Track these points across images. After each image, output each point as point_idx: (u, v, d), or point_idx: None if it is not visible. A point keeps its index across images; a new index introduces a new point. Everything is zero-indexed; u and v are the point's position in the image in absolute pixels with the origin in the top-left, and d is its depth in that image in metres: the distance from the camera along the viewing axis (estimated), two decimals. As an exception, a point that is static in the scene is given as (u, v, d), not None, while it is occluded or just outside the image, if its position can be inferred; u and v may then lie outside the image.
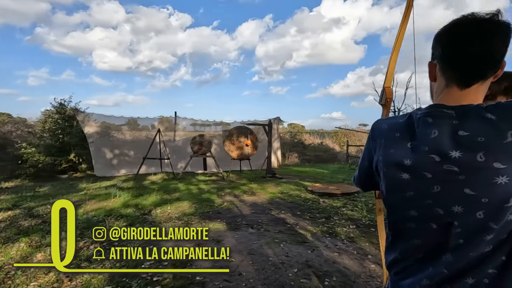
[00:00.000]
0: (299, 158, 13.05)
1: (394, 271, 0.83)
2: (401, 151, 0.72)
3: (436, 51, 0.72)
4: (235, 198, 5.85)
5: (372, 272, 2.71)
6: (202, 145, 8.65)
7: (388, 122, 0.80)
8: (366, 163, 0.88)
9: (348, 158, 12.94)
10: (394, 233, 0.82)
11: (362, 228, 3.89)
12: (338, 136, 19.55)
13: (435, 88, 0.75)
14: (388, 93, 1.37)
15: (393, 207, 0.78)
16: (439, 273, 0.70)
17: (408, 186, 0.72)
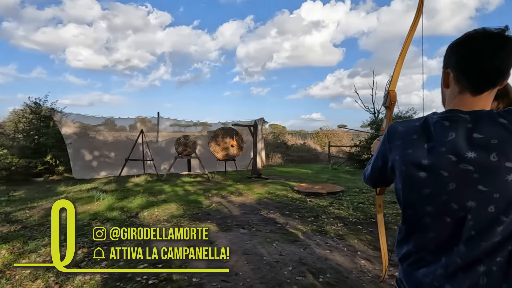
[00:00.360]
0: (282, 158, 13.21)
1: (407, 262, 0.89)
2: (418, 152, 0.78)
3: (450, 61, 0.79)
4: (223, 199, 5.85)
5: (363, 268, 2.82)
6: (187, 146, 8.55)
7: (404, 125, 0.86)
8: (380, 162, 0.94)
9: (330, 158, 13.27)
10: (409, 227, 0.88)
11: (349, 226, 4.03)
12: (319, 136, 20.00)
13: (447, 94, 0.83)
14: (393, 96, 1.46)
15: (410, 203, 0.85)
16: (453, 263, 0.77)
17: (424, 183, 0.78)
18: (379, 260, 3.00)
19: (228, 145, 8.75)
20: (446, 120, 0.75)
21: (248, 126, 9.11)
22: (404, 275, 0.92)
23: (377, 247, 3.33)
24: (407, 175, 0.82)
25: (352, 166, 10.67)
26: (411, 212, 0.86)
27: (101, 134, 9.79)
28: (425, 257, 0.84)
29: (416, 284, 0.85)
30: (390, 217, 4.43)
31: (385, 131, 0.94)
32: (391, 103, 1.51)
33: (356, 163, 10.59)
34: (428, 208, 0.80)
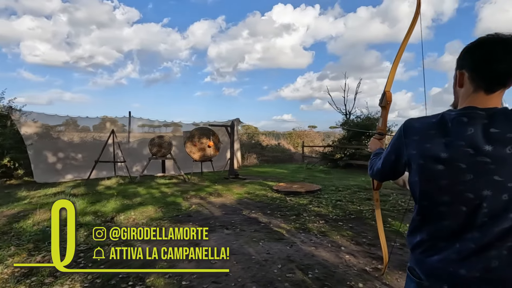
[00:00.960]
0: (257, 159, 13.28)
1: (420, 250, 0.94)
2: (436, 146, 0.84)
3: (465, 62, 0.86)
4: (202, 200, 5.75)
5: (348, 262, 2.93)
6: (162, 147, 8.29)
7: (420, 122, 0.91)
8: (393, 157, 0.99)
9: (303, 158, 13.58)
10: (423, 217, 0.93)
11: (331, 223, 4.16)
12: (292, 137, 20.38)
13: (461, 92, 0.90)
14: (388, 97, 1.54)
15: (426, 194, 0.90)
16: (467, 248, 0.83)
17: (442, 175, 0.84)
18: (362, 254, 3.13)
19: (204, 146, 8.62)
20: (464, 117, 0.81)
21: (225, 126, 9.04)
22: (416, 262, 0.97)
23: (358, 242, 3.48)
24: (425, 168, 0.87)
25: (326, 166, 11.02)
26: (427, 203, 0.91)
27: (66, 134, 9.16)
28: (438, 244, 0.90)
29: (431, 269, 0.91)
30: (367, 212, 4.65)
31: (401, 126, 0.99)
32: (387, 103, 1.59)
33: (329, 163, 10.95)
34: (444, 198, 0.85)
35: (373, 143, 1.52)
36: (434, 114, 0.91)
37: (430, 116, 0.91)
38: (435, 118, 0.88)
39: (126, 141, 9.66)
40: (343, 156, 10.33)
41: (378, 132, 1.60)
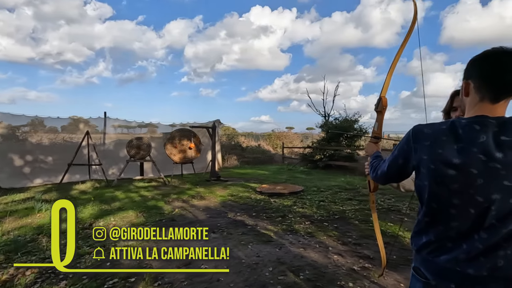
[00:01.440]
0: (238, 160, 13.23)
1: (427, 251, 0.97)
2: (448, 152, 0.87)
3: (472, 73, 0.90)
4: (185, 204, 5.62)
5: (337, 262, 2.99)
6: (140, 149, 8.01)
7: (431, 128, 0.94)
8: (401, 161, 1.02)
9: (283, 159, 13.72)
10: (431, 219, 0.96)
11: (316, 224, 4.23)
12: (272, 138, 20.53)
13: (467, 101, 0.94)
14: (384, 102, 1.58)
15: (436, 197, 0.92)
16: (475, 248, 0.87)
17: (453, 180, 0.87)
18: (349, 254, 3.21)
19: (185, 148, 8.44)
20: (476, 124, 0.85)
21: (206, 127, 8.91)
22: (422, 263, 1.01)
23: (344, 242, 3.56)
24: (436, 172, 0.90)
25: (306, 167, 11.21)
26: (436, 205, 0.94)
27: (34, 136, 8.57)
28: (445, 245, 0.93)
29: (438, 269, 0.94)
30: (349, 212, 4.78)
31: (409, 131, 1.02)
32: (383, 108, 1.64)
33: (309, 164, 11.15)
34: (454, 201, 0.88)
35: (370, 146, 1.56)
36: (443, 121, 0.95)
37: (439, 123, 0.94)
38: (445, 124, 0.92)
39: (101, 142, 9.23)
40: (323, 157, 10.57)
41: (374, 136, 1.64)
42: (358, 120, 10.77)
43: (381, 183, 1.30)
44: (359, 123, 10.83)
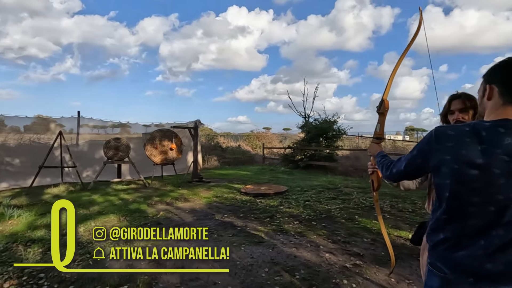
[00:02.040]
0: (218, 161, 13.11)
1: (444, 247, 1.02)
2: (472, 153, 0.91)
3: (496, 78, 0.96)
4: (169, 206, 5.47)
5: (329, 261, 3.05)
6: (119, 150, 7.69)
7: (454, 130, 0.98)
8: (419, 161, 1.06)
9: (264, 159, 13.79)
10: (450, 216, 1.00)
11: (305, 223, 4.29)
12: (251, 139, 20.58)
13: (489, 104, 0.99)
14: (386, 104, 1.64)
15: (457, 195, 0.97)
16: (492, 245, 0.93)
17: (475, 179, 0.91)
18: (340, 252, 3.29)
19: (166, 149, 8.22)
20: (501, 127, 0.90)
21: (188, 128, 8.74)
22: (439, 258, 1.05)
23: (334, 240, 3.65)
24: (459, 172, 0.94)
25: (287, 167, 11.34)
26: (456, 203, 0.98)
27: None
28: (462, 241, 0.98)
29: (456, 264, 0.99)
30: (335, 211, 4.90)
31: (430, 132, 1.05)
32: (385, 110, 1.70)
33: (290, 164, 11.30)
34: (475, 199, 0.93)
35: (373, 147, 1.61)
36: (465, 123, 0.99)
37: (462, 125, 0.98)
38: (468, 127, 0.96)
39: (75, 143, 8.74)
40: (304, 157, 10.75)
41: (376, 137, 1.70)
42: (337, 121, 11.09)
43: (394, 180, 1.35)
44: (338, 124, 11.14)
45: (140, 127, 10.99)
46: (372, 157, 1.69)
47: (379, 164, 1.37)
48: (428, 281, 1.12)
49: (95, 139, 9.57)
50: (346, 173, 9.54)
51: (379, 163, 1.39)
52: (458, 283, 1.00)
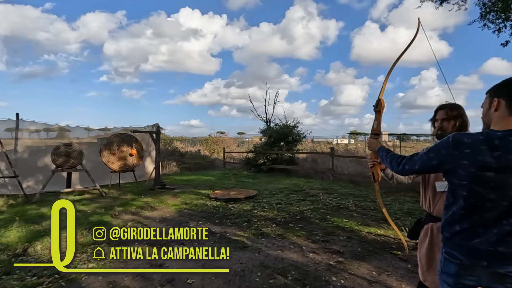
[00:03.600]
0: (178, 166, 12.63)
1: (461, 237, 1.18)
2: (488, 158, 1.08)
3: (503, 93, 1.14)
4: (136, 216, 5.13)
5: (315, 260, 3.19)
6: (70, 157, 6.95)
7: (470, 138, 1.14)
8: (435, 162, 1.21)
9: (225, 164, 13.69)
10: (468, 211, 1.16)
11: (282, 225, 4.40)
12: (208, 143, 20.30)
13: (495, 115, 1.17)
14: (382, 103, 1.82)
15: (475, 194, 1.13)
16: (503, 230, 1.11)
17: (491, 180, 1.08)
18: (322, 250, 3.46)
19: (125, 154, 7.66)
20: (511, 136, 1.09)
21: (150, 132, 8.28)
22: (456, 247, 1.21)
23: (314, 240, 3.81)
24: (477, 175, 1.10)
25: (250, 171, 11.43)
26: (474, 200, 1.15)
27: None
28: (477, 231, 1.15)
29: (472, 250, 1.15)
30: (307, 212, 5.11)
31: (447, 138, 1.20)
32: (381, 108, 1.87)
33: (253, 168, 11.41)
34: (491, 196, 1.10)
35: (373, 142, 1.76)
36: (478, 132, 1.16)
37: (476, 133, 1.15)
38: (482, 135, 1.12)
39: (13, 150, 7.63)
40: (266, 161, 10.96)
41: (374, 133, 1.84)
42: (297, 126, 11.56)
43: (403, 175, 1.50)
44: (298, 128, 11.62)
45: (82, 131, 10.06)
46: (372, 151, 1.83)
47: (386, 158, 1.51)
48: (445, 268, 1.27)
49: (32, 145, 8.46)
50: (307, 175, 9.99)
51: (385, 157, 1.52)
52: (473, 268, 1.17)
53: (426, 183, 1.84)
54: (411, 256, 3.29)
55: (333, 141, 28.35)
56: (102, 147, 7.45)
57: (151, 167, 9.64)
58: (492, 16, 5.91)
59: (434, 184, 1.78)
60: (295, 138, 11.46)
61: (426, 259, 1.79)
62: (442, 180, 1.77)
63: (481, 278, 1.17)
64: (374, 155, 1.83)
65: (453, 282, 1.24)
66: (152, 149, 9.95)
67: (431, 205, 1.79)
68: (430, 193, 1.80)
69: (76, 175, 8.07)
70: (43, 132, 9.26)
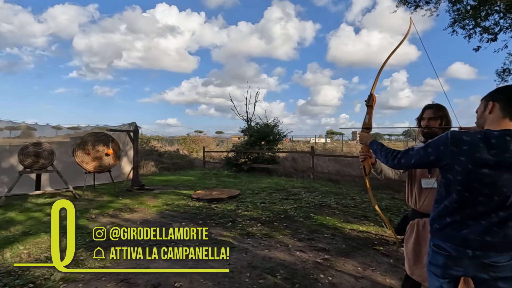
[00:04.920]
0: (156, 166, 12.27)
1: (451, 228, 1.25)
2: (484, 156, 1.14)
3: (498, 97, 1.21)
4: (115, 219, 4.92)
5: (302, 258, 3.23)
6: (40, 157, 6.52)
7: (469, 136, 1.19)
8: (433, 157, 1.26)
9: (205, 164, 13.49)
10: (461, 204, 1.22)
11: (267, 225, 4.41)
12: (187, 142, 19.91)
13: (490, 117, 1.23)
14: (374, 98, 1.87)
15: (469, 188, 1.19)
16: (491, 222, 1.18)
17: (486, 176, 1.14)
18: (308, 248, 3.51)
19: (101, 154, 7.31)
20: (507, 136, 1.14)
21: (127, 131, 7.97)
22: (445, 238, 1.27)
23: (299, 238, 3.86)
24: (474, 170, 1.16)
25: (231, 170, 11.36)
26: (468, 194, 1.20)
27: None
28: (467, 222, 1.22)
29: (462, 239, 1.22)
30: (291, 211, 5.16)
31: (446, 135, 1.24)
32: (373, 103, 1.92)
33: (233, 167, 11.35)
34: (485, 191, 1.17)
35: (365, 136, 1.81)
36: (476, 131, 1.21)
37: (474, 132, 1.20)
38: (480, 134, 1.18)
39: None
40: (247, 160, 10.95)
41: (366, 127, 1.88)
42: (277, 125, 11.66)
43: (398, 168, 1.55)
44: (278, 128, 11.72)
45: (50, 129, 9.47)
46: (363, 145, 1.86)
47: (380, 152, 1.54)
48: (433, 260, 1.34)
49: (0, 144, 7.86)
50: (287, 174, 10.10)
51: (379, 151, 1.56)
52: (460, 259, 1.24)
53: (412, 180, 1.91)
54: (393, 251, 3.43)
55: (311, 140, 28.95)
56: (76, 147, 7.05)
57: (128, 167, 9.29)
58: (464, 23, 6.31)
59: (420, 181, 1.86)
60: (276, 137, 11.54)
61: (413, 254, 1.86)
62: (428, 177, 1.85)
63: (468, 268, 1.24)
64: (365, 149, 1.87)
65: (441, 273, 1.31)
66: (129, 149, 9.60)
67: (417, 201, 1.86)
68: (416, 189, 1.87)
69: (46, 176, 7.59)
70: (6, 130, 8.61)
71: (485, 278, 1.21)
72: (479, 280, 1.25)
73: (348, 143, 26.68)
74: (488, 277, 1.21)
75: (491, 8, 6.04)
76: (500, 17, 6.40)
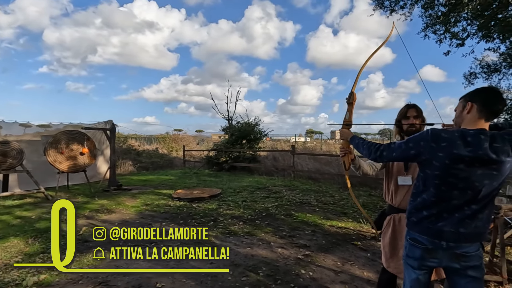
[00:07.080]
0: (134, 166, 11.94)
1: (428, 221, 1.34)
2: (461, 152, 1.22)
3: (476, 99, 1.29)
4: (92, 220, 4.74)
5: (284, 255, 3.29)
6: (8, 156, 6.15)
7: (448, 134, 1.27)
8: (413, 152, 1.34)
9: (185, 163, 13.29)
10: (438, 198, 1.31)
11: (249, 223, 4.44)
12: (166, 141, 19.51)
13: (467, 117, 1.31)
14: (355, 96, 1.94)
15: (446, 183, 1.27)
16: (464, 215, 1.28)
17: (462, 171, 1.23)
18: (289, 245, 3.57)
19: (76, 153, 7.00)
20: (482, 135, 1.23)
21: (103, 129, 7.68)
22: (422, 231, 1.36)
23: (280, 236, 3.92)
24: (450, 166, 1.24)
25: (211, 169, 11.28)
26: (444, 188, 1.29)
27: None
28: (443, 215, 1.31)
29: (437, 232, 1.32)
30: (272, 209, 5.22)
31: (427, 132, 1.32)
32: (354, 100, 1.99)
33: (214, 166, 11.27)
34: (460, 185, 1.26)
35: (345, 132, 1.88)
36: (454, 130, 1.29)
37: (452, 130, 1.29)
38: (458, 132, 1.26)
39: None
40: (228, 159, 10.91)
41: (346, 124, 1.95)
42: (258, 124, 11.70)
43: (379, 161, 1.63)
44: (259, 126, 11.76)
45: (18, 127, 8.95)
46: (344, 141, 1.93)
47: (363, 145, 1.61)
48: (410, 253, 1.42)
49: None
50: (268, 172, 10.18)
51: (361, 144, 1.63)
52: (435, 251, 1.33)
53: (389, 177, 2.00)
54: (369, 246, 3.58)
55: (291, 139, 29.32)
56: (48, 145, 6.70)
57: (104, 167, 8.98)
58: (435, 28, 6.66)
59: (397, 178, 1.95)
60: (257, 136, 11.59)
61: (390, 247, 1.96)
62: (404, 175, 1.95)
63: (442, 259, 1.34)
64: (346, 145, 1.93)
65: (418, 264, 1.40)
66: (105, 148, 9.27)
67: (394, 198, 1.96)
68: (393, 186, 1.96)
69: (14, 177, 7.17)
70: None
71: (457, 268, 1.31)
72: (451, 270, 1.35)
73: (327, 142, 27.32)
74: (459, 266, 1.31)
75: (459, 15, 6.43)
76: (468, 23, 6.83)
